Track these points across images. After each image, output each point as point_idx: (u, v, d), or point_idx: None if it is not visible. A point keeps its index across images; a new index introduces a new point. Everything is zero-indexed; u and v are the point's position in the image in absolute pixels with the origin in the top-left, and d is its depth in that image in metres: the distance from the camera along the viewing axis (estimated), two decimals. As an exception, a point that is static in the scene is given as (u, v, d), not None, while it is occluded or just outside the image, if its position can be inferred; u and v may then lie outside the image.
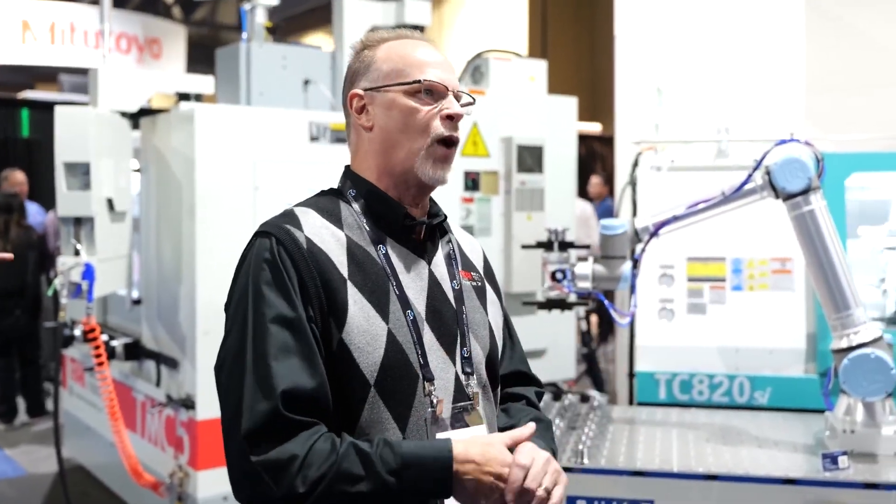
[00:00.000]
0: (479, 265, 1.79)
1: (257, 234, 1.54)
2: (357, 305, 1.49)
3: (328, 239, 1.53)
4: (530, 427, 1.50)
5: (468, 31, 14.47)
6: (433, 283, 1.61)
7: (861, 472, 2.50)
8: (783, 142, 2.81)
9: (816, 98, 5.00)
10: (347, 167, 1.68)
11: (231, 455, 1.41)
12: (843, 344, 2.66)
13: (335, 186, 1.68)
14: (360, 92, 1.61)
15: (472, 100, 1.66)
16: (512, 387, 1.81)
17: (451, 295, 1.63)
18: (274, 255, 1.48)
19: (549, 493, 1.41)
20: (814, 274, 2.74)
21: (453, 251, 1.70)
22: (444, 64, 1.62)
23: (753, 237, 3.49)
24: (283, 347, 1.42)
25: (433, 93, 1.57)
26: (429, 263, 1.62)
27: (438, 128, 1.56)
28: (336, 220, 1.57)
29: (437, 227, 1.67)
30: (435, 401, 1.51)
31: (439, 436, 1.50)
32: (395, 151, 1.58)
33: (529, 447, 1.45)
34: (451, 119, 1.58)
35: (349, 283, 1.50)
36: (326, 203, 1.62)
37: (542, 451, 1.45)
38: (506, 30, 13.80)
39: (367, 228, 1.58)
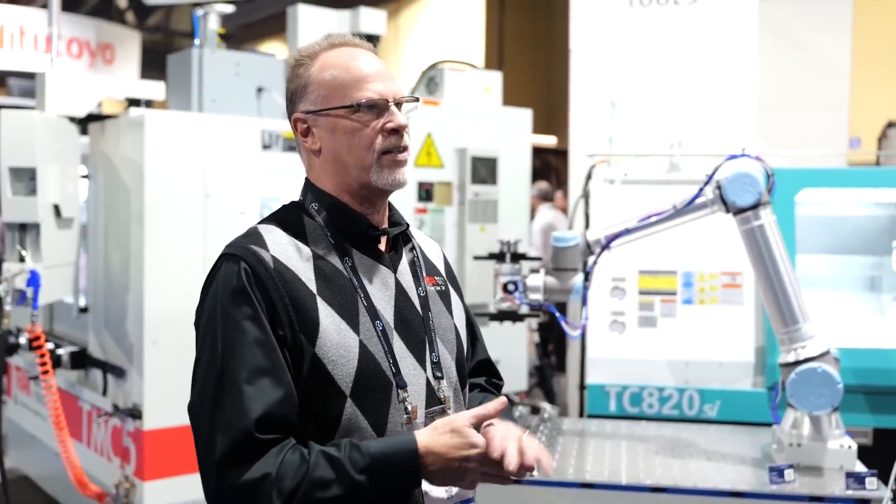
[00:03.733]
0: (441, 268, 1.81)
1: (223, 257, 1.53)
2: (328, 319, 1.49)
3: (294, 256, 1.53)
4: (496, 403, 1.48)
5: (424, 41, 14.51)
6: (399, 291, 1.62)
7: (807, 485, 2.53)
8: (734, 157, 2.84)
9: (768, 115, 5.09)
10: (308, 180, 1.67)
11: (208, 480, 1.41)
12: (791, 358, 2.69)
13: (297, 200, 1.67)
14: (302, 116, 1.61)
15: (415, 99, 1.65)
16: (474, 377, 1.86)
17: (417, 302, 1.64)
18: (241, 278, 1.47)
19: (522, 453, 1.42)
20: (763, 288, 2.77)
21: (417, 258, 1.71)
22: (382, 73, 1.61)
23: (704, 251, 3.52)
24: (254, 370, 1.42)
25: (375, 107, 1.56)
26: (394, 272, 1.63)
27: (381, 144, 1.56)
28: (301, 235, 1.57)
29: (399, 235, 1.67)
30: (409, 407, 1.53)
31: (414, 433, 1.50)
32: (347, 170, 1.59)
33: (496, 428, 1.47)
34: (397, 132, 1.57)
35: (318, 299, 1.50)
36: (290, 218, 1.61)
37: (504, 424, 1.48)
38: (462, 41, 13.86)
39: (333, 241, 1.58)
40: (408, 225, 1.71)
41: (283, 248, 1.53)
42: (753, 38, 4.43)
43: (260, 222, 1.62)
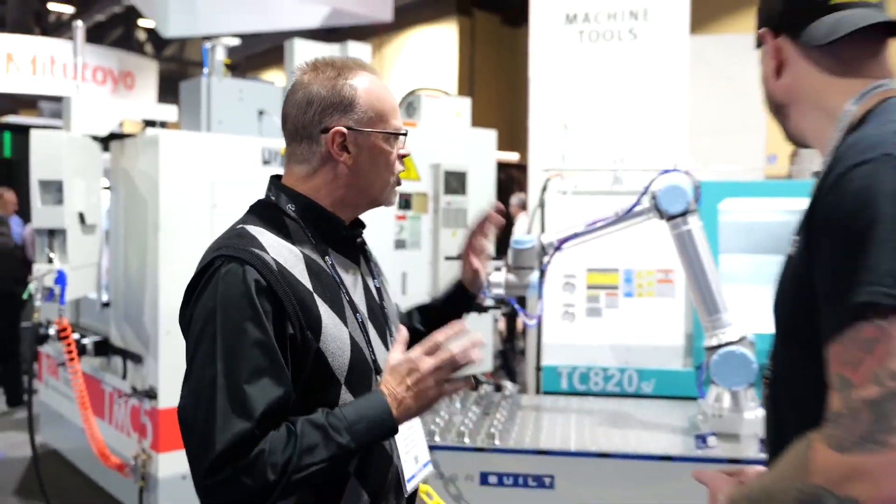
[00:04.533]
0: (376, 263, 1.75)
1: (221, 259, 1.38)
2: (326, 315, 1.42)
3: (289, 256, 1.42)
4: (400, 333, 1.49)
5: (405, 70, 14.52)
6: (365, 285, 1.59)
7: (726, 449, 2.56)
8: (667, 171, 2.85)
9: (698, 136, 5.14)
10: (279, 183, 1.54)
11: (201, 475, 1.29)
12: (714, 342, 2.70)
13: (265, 200, 1.55)
14: (345, 130, 1.46)
15: (406, 132, 1.62)
16: None
17: (375, 294, 1.62)
18: (246, 282, 1.34)
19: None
20: (690, 283, 2.79)
21: (368, 253, 1.68)
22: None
23: (642, 252, 3.53)
24: (254, 371, 1.31)
25: (397, 136, 1.54)
26: (359, 267, 1.60)
27: (399, 166, 1.56)
28: (287, 235, 1.45)
29: (358, 235, 1.63)
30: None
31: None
32: (370, 186, 1.52)
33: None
34: (403, 158, 1.57)
35: (315, 296, 1.42)
36: (272, 219, 1.48)
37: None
38: (438, 71, 13.88)
39: (314, 241, 1.49)
40: (365, 227, 1.65)
41: (279, 250, 1.41)
42: (685, 70, 4.45)
43: (243, 222, 1.47)
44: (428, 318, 1.88)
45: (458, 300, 1.91)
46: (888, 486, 0.97)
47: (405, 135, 1.56)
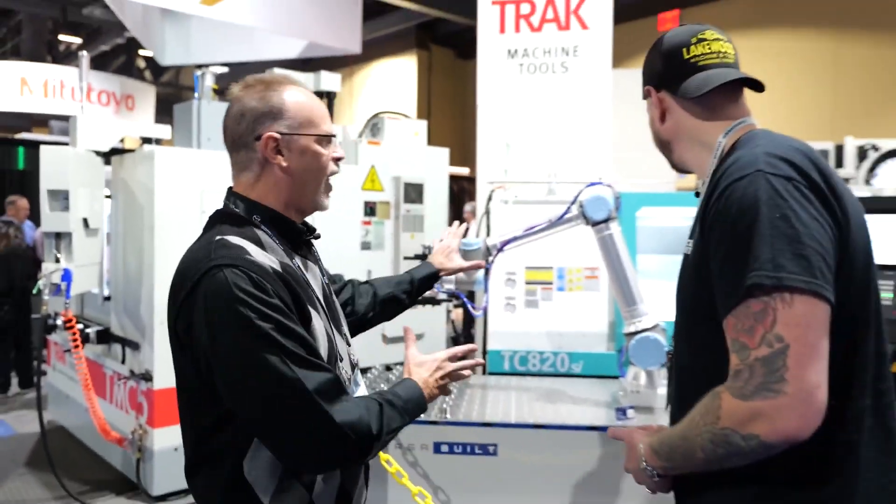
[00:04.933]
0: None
1: (219, 268, 1.26)
2: (311, 311, 1.37)
3: (269, 264, 1.33)
4: (409, 333, 1.67)
5: (371, 96, 14.44)
6: (322, 283, 1.55)
7: (642, 420, 2.57)
8: (592, 184, 2.84)
9: (621, 153, 5.17)
10: (237, 195, 1.45)
11: (315, 430, 1.27)
12: (632, 329, 2.71)
13: (227, 211, 1.45)
14: (277, 136, 1.39)
15: (335, 135, 1.55)
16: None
17: (327, 289, 1.57)
18: (258, 281, 1.26)
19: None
20: (611, 279, 2.80)
21: (315, 251, 1.62)
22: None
23: (572, 252, 3.54)
24: (311, 351, 1.29)
25: (329, 140, 1.48)
26: (316, 265, 1.56)
27: (332, 168, 1.49)
28: (260, 244, 1.36)
29: (310, 237, 1.58)
30: (346, 374, 1.47)
31: (356, 392, 1.50)
32: (305, 188, 1.45)
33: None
34: (338, 161, 1.50)
35: (300, 296, 1.36)
36: (245, 230, 1.38)
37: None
38: (400, 96, 13.83)
39: (282, 247, 1.42)
40: (315, 230, 1.59)
41: (262, 257, 1.32)
42: (609, 97, 4.49)
43: (220, 234, 1.37)
44: (397, 295, 2.08)
45: (428, 282, 2.14)
46: (781, 422, 1.09)
47: (334, 136, 1.50)
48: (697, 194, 1.47)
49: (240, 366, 1.24)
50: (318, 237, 1.57)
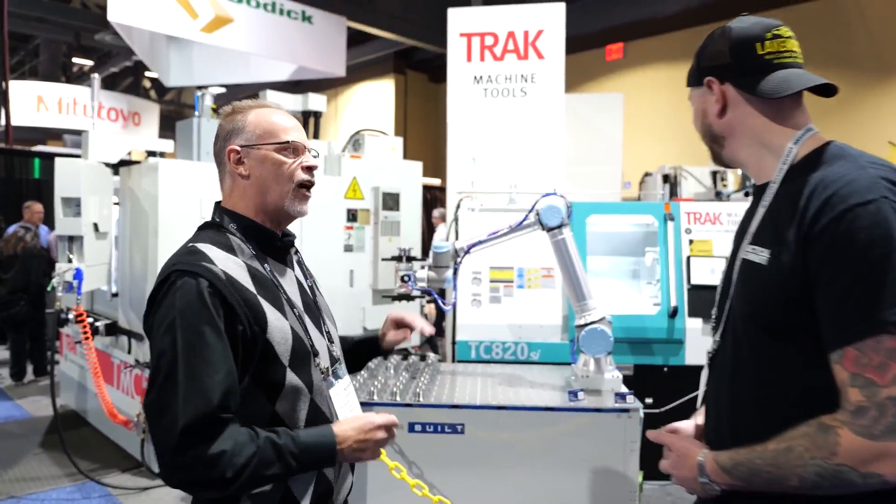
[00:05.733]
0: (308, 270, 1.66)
1: (177, 273, 1.26)
2: (270, 311, 1.32)
3: (234, 267, 1.32)
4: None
5: (354, 114, 14.37)
6: (299, 284, 1.49)
7: (591, 402, 2.56)
8: (547, 194, 2.83)
9: (573, 167, 5.23)
10: (219, 205, 1.45)
11: (166, 457, 1.17)
12: (582, 321, 2.71)
13: (211, 221, 1.44)
14: (238, 148, 1.39)
15: (317, 153, 1.51)
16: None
17: (308, 291, 1.52)
18: (200, 292, 1.24)
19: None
20: (564, 278, 2.78)
21: (301, 259, 1.59)
22: (299, 128, 1.47)
23: (530, 254, 3.55)
24: (212, 363, 1.21)
25: (295, 150, 1.42)
26: (293, 271, 1.51)
27: (301, 175, 1.43)
28: (230, 250, 1.35)
29: (290, 244, 1.53)
30: (322, 368, 1.42)
31: (330, 391, 1.43)
32: (268, 194, 1.40)
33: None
34: (310, 169, 1.46)
35: (259, 297, 1.32)
36: (217, 238, 1.37)
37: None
38: (380, 115, 13.79)
39: (254, 252, 1.39)
40: (295, 237, 1.55)
41: (225, 262, 1.31)
42: (561, 119, 4.53)
43: (194, 241, 1.37)
44: (356, 353, 1.82)
45: (374, 350, 1.86)
46: None
47: (289, 142, 1.42)
48: (747, 194, 1.33)
49: (154, 357, 1.25)
50: (290, 243, 1.51)
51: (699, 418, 1.38)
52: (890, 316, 0.97)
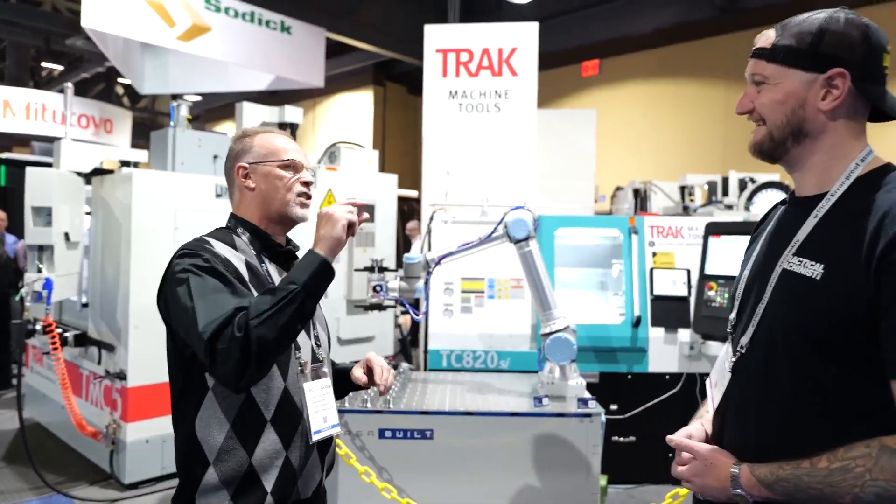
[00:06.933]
0: None
1: (186, 251, 1.46)
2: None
3: (231, 256, 1.50)
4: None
5: (332, 126, 14.42)
6: None
7: (556, 407, 2.64)
8: (515, 208, 2.89)
9: (547, 181, 5.35)
10: (233, 214, 1.66)
11: (205, 357, 1.31)
12: (547, 330, 2.78)
13: (224, 226, 1.65)
14: (246, 165, 1.61)
15: (314, 172, 1.73)
16: None
17: None
18: (208, 260, 1.43)
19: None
20: (530, 288, 2.86)
21: None
22: (299, 150, 1.68)
23: (500, 265, 3.63)
24: (217, 290, 1.37)
25: (294, 167, 1.62)
26: None
27: (299, 188, 1.62)
28: (233, 246, 1.54)
29: (293, 254, 1.69)
30: (301, 362, 1.56)
31: (305, 385, 1.55)
32: (272, 203, 1.60)
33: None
34: (307, 184, 1.64)
35: (250, 284, 1.48)
36: (223, 236, 1.57)
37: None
38: (358, 127, 13.86)
39: (254, 251, 1.57)
40: (298, 247, 1.72)
41: (224, 250, 1.51)
42: (534, 133, 4.64)
43: (203, 235, 1.58)
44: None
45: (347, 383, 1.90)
46: None
47: (289, 160, 1.61)
48: (786, 201, 1.31)
49: (173, 297, 1.40)
50: (292, 252, 1.68)
51: (706, 425, 1.36)
52: None
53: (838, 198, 1.15)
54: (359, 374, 1.78)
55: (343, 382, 1.82)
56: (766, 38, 1.24)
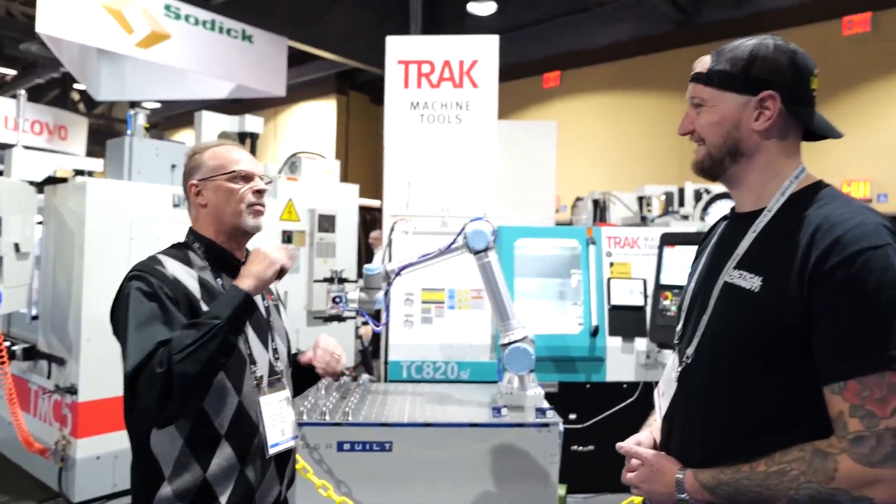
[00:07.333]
0: (275, 293, 1.83)
1: (133, 277, 1.47)
2: None
3: (184, 275, 1.51)
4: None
5: (294, 135, 14.32)
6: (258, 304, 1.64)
7: (514, 417, 2.66)
8: (475, 219, 2.91)
9: (508, 192, 5.38)
10: (191, 229, 1.67)
11: (127, 396, 1.37)
12: (506, 340, 2.79)
13: (182, 241, 1.66)
14: (196, 182, 1.63)
15: (270, 180, 1.75)
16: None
17: (263, 310, 1.66)
18: (151, 284, 1.44)
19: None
20: (489, 299, 2.89)
21: None
22: (250, 159, 1.68)
23: (461, 276, 3.64)
24: (150, 320, 1.40)
25: (245, 178, 1.63)
26: None
27: (250, 198, 1.63)
28: (187, 262, 1.56)
29: None
30: (257, 376, 1.56)
31: (261, 398, 1.55)
32: (224, 217, 1.61)
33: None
34: (259, 192, 1.65)
35: (201, 302, 1.49)
36: (178, 252, 1.59)
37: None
38: (321, 136, 13.78)
39: (210, 267, 1.58)
40: None
41: (176, 269, 1.51)
42: (495, 145, 4.68)
43: (158, 253, 1.59)
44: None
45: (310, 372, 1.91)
46: None
47: (237, 174, 1.62)
48: (727, 217, 1.36)
49: (116, 322, 1.46)
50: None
51: (655, 432, 1.40)
52: (892, 352, 1.04)
53: (774, 213, 1.21)
54: (305, 358, 1.80)
55: (302, 373, 1.84)
56: (703, 63, 1.29)
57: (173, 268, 1.51)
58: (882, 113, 8.45)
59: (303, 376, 1.86)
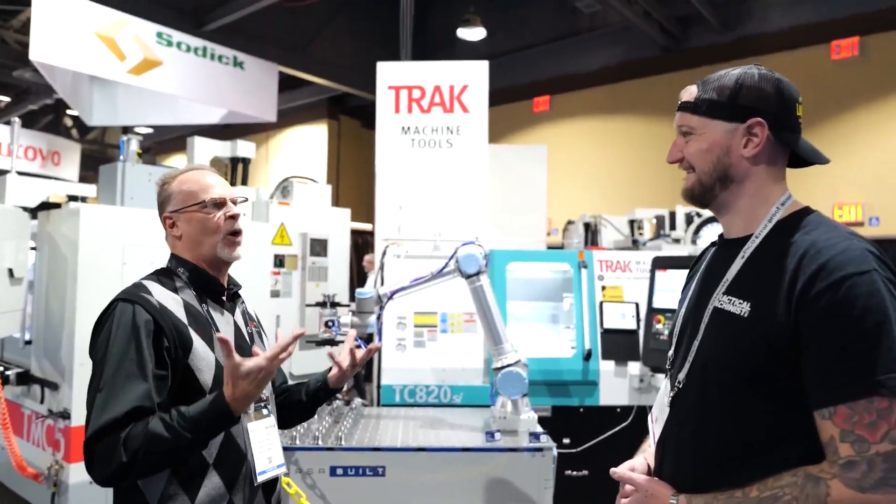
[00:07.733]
0: (257, 320, 1.84)
1: (118, 301, 1.48)
2: (197, 341, 1.49)
3: (170, 300, 1.52)
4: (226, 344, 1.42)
5: (286, 160, 14.37)
6: (236, 328, 1.65)
7: (507, 442, 2.66)
8: (466, 243, 2.94)
9: (499, 216, 5.42)
10: (173, 254, 1.67)
11: (84, 448, 1.39)
12: (499, 364, 2.80)
13: (165, 266, 1.65)
14: (169, 215, 1.63)
15: (245, 198, 1.72)
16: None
17: (246, 336, 1.68)
18: (134, 315, 1.44)
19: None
20: (482, 322, 2.90)
21: (245, 309, 1.75)
22: (221, 183, 1.67)
23: (454, 299, 3.64)
24: (128, 377, 1.38)
25: (217, 204, 1.62)
26: (232, 315, 1.67)
27: (225, 228, 1.63)
28: (172, 288, 1.56)
29: (235, 294, 1.71)
30: None
31: (248, 425, 1.54)
32: (201, 247, 1.62)
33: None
34: (233, 218, 1.64)
35: (189, 328, 1.50)
36: (162, 278, 1.59)
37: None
38: (312, 162, 13.84)
39: (194, 293, 1.58)
40: (241, 286, 1.74)
41: (163, 295, 1.52)
42: (486, 168, 4.73)
43: (143, 279, 1.59)
44: (302, 398, 1.91)
45: (323, 393, 1.93)
46: None
47: (208, 202, 1.61)
48: (715, 244, 1.37)
49: (93, 368, 1.45)
50: (233, 292, 1.70)
51: (649, 458, 1.40)
52: (884, 379, 1.04)
53: (762, 239, 1.23)
54: (334, 375, 1.84)
55: (326, 391, 1.86)
56: (690, 92, 1.33)
57: (159, 294, 1.51)
58: (872, 136, 8.56)
59: (310, 404, 1.88)
